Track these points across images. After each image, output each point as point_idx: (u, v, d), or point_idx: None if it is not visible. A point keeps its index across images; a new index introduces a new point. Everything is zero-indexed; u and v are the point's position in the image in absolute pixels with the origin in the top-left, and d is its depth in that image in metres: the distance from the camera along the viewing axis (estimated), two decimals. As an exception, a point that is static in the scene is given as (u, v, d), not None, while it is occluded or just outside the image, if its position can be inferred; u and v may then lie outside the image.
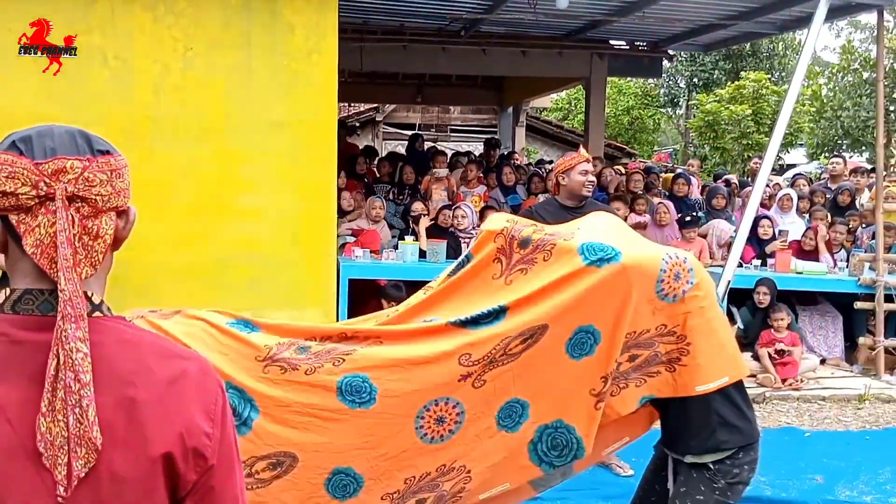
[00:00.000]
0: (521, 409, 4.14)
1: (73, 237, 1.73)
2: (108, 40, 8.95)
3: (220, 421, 1.82)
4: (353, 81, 19.68)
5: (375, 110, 28.92)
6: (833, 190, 14.21)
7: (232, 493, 1.85)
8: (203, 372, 1.83)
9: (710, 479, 4.19)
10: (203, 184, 9.27)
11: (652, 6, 13.48)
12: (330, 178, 9.58)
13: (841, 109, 28.23)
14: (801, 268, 11.66)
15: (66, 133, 1.79)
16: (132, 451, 1.68)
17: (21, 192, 1.71)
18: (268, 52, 9.27)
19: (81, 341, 1.64)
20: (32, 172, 1.71)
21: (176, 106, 9.16)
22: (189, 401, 1.77)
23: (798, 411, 9.95)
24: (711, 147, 28.86)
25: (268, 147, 9.35)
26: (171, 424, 1.72)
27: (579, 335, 4.08)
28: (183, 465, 1.73)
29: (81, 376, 1.62)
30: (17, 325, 1.70)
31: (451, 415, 4.07)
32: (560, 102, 36.71)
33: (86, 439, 1.61)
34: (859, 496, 7.37)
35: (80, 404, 1.61)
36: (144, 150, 8.49)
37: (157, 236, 8.31)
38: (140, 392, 1.71)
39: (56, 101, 8.74)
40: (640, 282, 4.07)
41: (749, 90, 27.97)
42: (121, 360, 1.73)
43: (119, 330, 1.79)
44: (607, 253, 4.06)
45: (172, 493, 1.75)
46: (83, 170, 1.74)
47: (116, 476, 1.66)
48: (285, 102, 9.38)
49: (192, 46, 9.12)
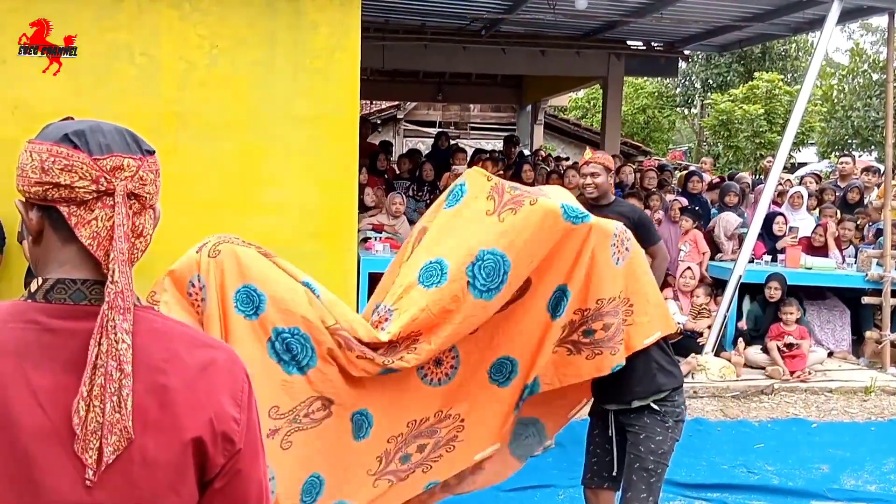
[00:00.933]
0: (510, 367, 4.53)
1: (129, 233, 1.80)
2: (135, 37, 9.02)
3: (246, 407, 1.86)
4: (375, 79, 19.80)
5: (396, 108, 28.87)
6: (842, 188, 14.34)
7: (256, 476, 1.91)
8: (231, 360, 1.89)
9: (662, 419, 4.78)
10: (227, 179, 9.27)
11: (669, 7, 13.57)
12: (351, 174, 9.59)
13: (851, 110, 28.24)
14: (811, 263, 11.78)
15: (116, 131, 1.84)
16: (164, 435, 1.72)
17: (78, 185, 1.75)
18: (292, 49, 9.31)
19: (127, 333, 1.69)
20: (92, 167, 1.76)
21: (201, 102, 9.22)
22: (218, 388, 1.81)
23: (805, 403, 10.05)
24: (725, 146, 28.88)
25: (291, 142, 9.36)
26: (202, 410, 1.77)
27: (557, 294, 4.51)
28: (212, 448, 1.78)
29: (124, 366, 1.67)
30: (50, 314, 1.73)
31: (448, 357, 4.42)
32: (578, 101, 36.68)
33: (119, 427, 1.65)
34: (864, 485, 7.49)
35: (120, 393, 1.66)
36: (169, 145, 8.59)
37: (181, 230, 8.26)
38: (171, 379, 1.75)
39: (83, 96, 8.84)
40: (602, 243, 4.53)
41: (762, 90, 28.00)
42: (152, 348, 1.77)
43: (149, 319, 1.82)
44: (581, 213, 4.49)
45: (201, 475, 1.79)
46: (138, 168, 1.81)
47: (148, 459, 1.70)
48: (308, 99, 9.39)
49: (217, 44, 9.18)
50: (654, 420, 4.78)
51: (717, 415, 9.47)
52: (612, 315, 4.55)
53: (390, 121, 29.28)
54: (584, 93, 34.67)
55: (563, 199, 4.62)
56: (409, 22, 15.43)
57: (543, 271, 4.48)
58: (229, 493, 1.85)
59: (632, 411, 4.82)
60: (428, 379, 4.40)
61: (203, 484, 1.81)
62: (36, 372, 1.67)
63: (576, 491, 6.96)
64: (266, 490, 1.96)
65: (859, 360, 11.65)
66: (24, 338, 1.70)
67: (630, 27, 15.70)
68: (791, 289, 11.28)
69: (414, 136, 29.27)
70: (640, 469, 4.75)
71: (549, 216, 4.41)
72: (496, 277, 4.30)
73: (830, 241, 12.32)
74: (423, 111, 29.56)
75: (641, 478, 4.74)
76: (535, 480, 6.96)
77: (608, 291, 4.55)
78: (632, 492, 4.76)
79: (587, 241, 4.48)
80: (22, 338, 1.70)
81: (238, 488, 1.86)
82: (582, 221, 4.46)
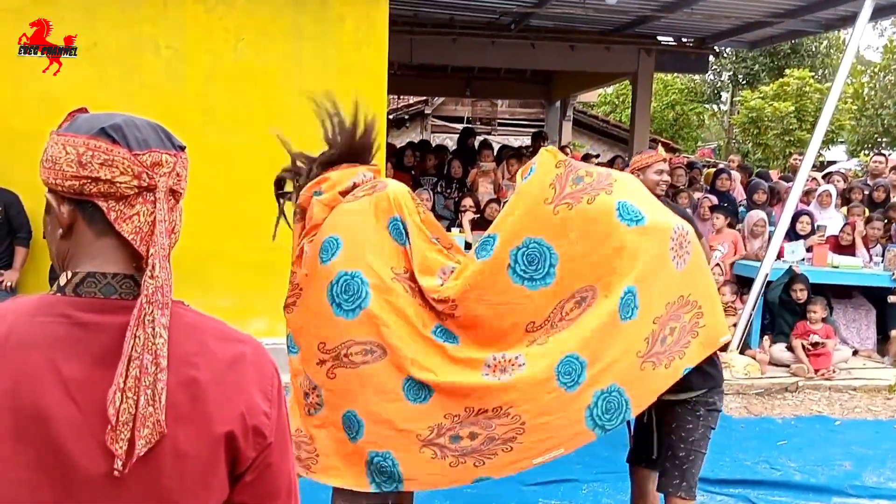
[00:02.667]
0: (579, 368, 4.43)
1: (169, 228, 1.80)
2: (160, 30, 9.10)
3: (276, 401, 1.88)
4: (403, 74, 19.78)
5: (424, 103, 28.89)
6: (871, 186, 14.28)
7: (286, 469, 1.92)
8: (260, 354, 1.89)
9: (693, 409, 4.91)
10: (253, 172, 9.27)
11: (700, 3, 13.50)
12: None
13: (882, 108, 28.14)
14: (838, 262, 11.74)
15: (149, 126, 1.83)
16: (195, 428, 1.74)
17: (120, 180, 1.75)
18: (318, 43, 9.34)
19: (164, 328, 1.69)
20: (133, 163, 1.75)
21: (227, 95, 9.29)
22: (248, 382, 1.83)
23: (829, 400, 10.03)
24: (754, 143, 28.79)
25: (318, 137, 9.42)
26: (233, 404, 1.78)
27: (626, 297, 4.44)
28: (244, 442, 1.80)
29: (161, 360, 1.67)
30: (80, 308, 1.73)
31: (515, 365, 4.46)
32: (608, 97, 36.63)
33: (153, 420, 1.65)
34: (885, 482, 7.50)
35: (155, 387, 1.66)
36: (195, 138, 8.54)
37: (208, 224, 8.44)
38: (202, 373, 1.77)
39: (108, 88, 8.91)
40: (660, 245, 4.50)
41: (793, 87, 27.89)
42: (183, 342, 1.77)
43: (180, 314, 1.81)
44: (637, 215, 4.46)
45: (232, 469, 1.81)
46: (175, 164, 1.82)
47: (180, 452, 1.72)
48: (335, 92, 9.38)
49: (243, 37, 9.25)
50: (686, 410, 4.93)
51: (741, 412, 9.45)
52: (675, 319, 4.55)
53: (418, 116, 29.31)
54: (612, 88, 34.59)
55: (626, 195, 4.59)
56: (437, 15, 15.38)
57: (603, 272, 4.49)
58: (259, 486, 1.87)
59: (665, 402, 4.87)
60: (490, 377, 4.46)
61: (234, 477, 1.83)
62: (66, 365, 1.67)
63: (599, 485, 7.01)
64: (295, 483, 1.98)
65: (884, 359, 11.62)
66: (53, 331, 1.70)
67: (661, 22, 15.61)
68: (817, 287, 11.25)
69: (442, 131, 29.29)
70: (672, 457, 4.95)
71: (603, 216, 4.44)
72: (540, 268, 4.42)
73: (858, 240, 12.29)
74: (451, 107, 29.56)
75: (674, 465, 4.94)
76: (558, 475, 6.95)
77: (672, 294, 4.55)
78: (666, 478, 4.98)
79: (644, 243, 4.47)
80: (52, 331, 1.70)
81: (268, 482, 1.88)
82: (637, 224, 4.46)
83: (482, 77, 22.45)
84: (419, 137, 24.28)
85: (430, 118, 29.59)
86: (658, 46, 17.84)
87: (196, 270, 8.66)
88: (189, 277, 8.22)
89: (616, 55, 17.59)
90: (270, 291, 9.62)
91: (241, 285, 9.57)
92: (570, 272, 4.45)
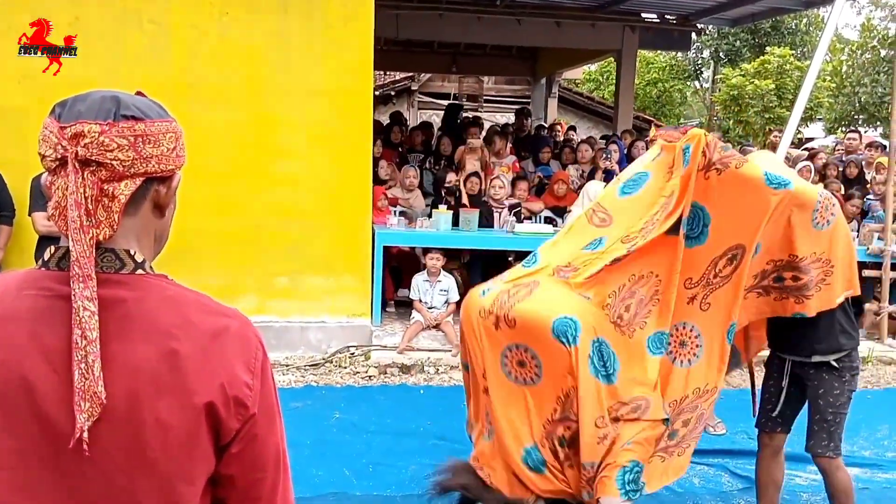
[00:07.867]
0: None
1: (88, 199, 1.75)
2: (144, 4, 9.02)
3: (259, 374, 1.87)
4: (389, 49, 19.81)
5: (411, 79, 28.89)
6: (844, 163, 14.44)
7: (273, 441, 1.92)
8: (244, 328, 1.89)
9: (839, 374, 5.27)
10: (240, 149, 9.35)
11: (683, -20, 13.49)
12: (365, 146, 9.60)
13: (859, 85, 28.41)
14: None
15: (100, 97, 1.80)
16: (177, 399, 1.74)
17: (47, 153, 1.77)
18: (305, 17, 9.29)
19: (89, 300, 1.68)
20: (56, 136, 1.75)
21: (212, 70, 9.25)
22: (230, 354, 1.82)
23: (805, 372, 10.11)
24: (735, 120, 28.86)
25: (304, 113, 9.38)
26: (213, 375, 1.78)
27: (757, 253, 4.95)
28: (225, 413, 1.79)
29: (88, 333, 1.66)
30: (61, 281, 1.75)
31: (691, 337, 4.93)
32: (591, 74, 36.65)
33: (90, 393, 1.65)
34: (859, 451, 7.75)
35: (87, 360, 1.65)
36: (180, 114, 8.50)
37: (194, 201, 8.26)
38: (183, 345, 1.76)
39: (89, 63, 8.85)
40: (802, 207, 4.92)
41: (773, 65, 27.95)
42: (163, 314, 1.78)
43: (161, 287, 1.83)
44: (783, 180, 4.85)
45: (216, 440, 1.82)
46: (100, 134, 1.75)
47: (162, 423, 1.73)
48: (322, 69, 9.39)
49: (228, 11, 9.17)
50: (832, 375, 5.26)
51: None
52: (804, 271, 4.97)
53: (404, 92, 29.27)
54: (597, 66, 34.62)
55: (767, 166, 4.95)
56: (424, -10, 15.25)
57: (751, 236, 4.87)
58: (246, 457, 1.88)
59: (811, 366, 5.26)
60: (679, 362, 4.93)
61: (220, 449, 1.84)
62: (49, 336, 1.71)
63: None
64: (284, 455, 1.99)
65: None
66: (37, 304, 1.75)
67: (644, -1, 15.59)
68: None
69: (428, 108, 29.33)
70: (821, 420, 5.29)
71: (753, 180, 4.80)
72: (696, 227, 4.84)
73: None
74: (438, 83, 29.57)
75: (822, 427, 5.29)
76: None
77: (803, 250, 4.95)
78: (814, 440, 5.34)
79: (785, 204, 4.84)
80: (36, 304, 1.75)
81: (255, 453, 1.89)
82: (784, 188, 4.82)
83: (468, 53, 22.53)
84: (406, 115, 24.22)
85: (417, 94, 29.56)
86: (642, 23, 17.87)
87: (180, 247, 8.47)
88: (173, 255, 8.25)
89: (601, 32, 17.69)
90: (255, 269, 9.69)
91: (226, 262, 9.60)
92: (722, 231, 4.84)
